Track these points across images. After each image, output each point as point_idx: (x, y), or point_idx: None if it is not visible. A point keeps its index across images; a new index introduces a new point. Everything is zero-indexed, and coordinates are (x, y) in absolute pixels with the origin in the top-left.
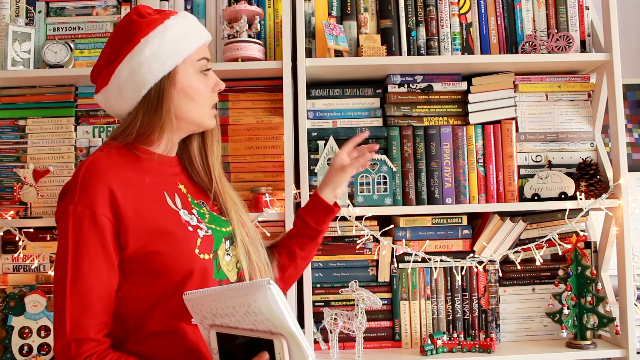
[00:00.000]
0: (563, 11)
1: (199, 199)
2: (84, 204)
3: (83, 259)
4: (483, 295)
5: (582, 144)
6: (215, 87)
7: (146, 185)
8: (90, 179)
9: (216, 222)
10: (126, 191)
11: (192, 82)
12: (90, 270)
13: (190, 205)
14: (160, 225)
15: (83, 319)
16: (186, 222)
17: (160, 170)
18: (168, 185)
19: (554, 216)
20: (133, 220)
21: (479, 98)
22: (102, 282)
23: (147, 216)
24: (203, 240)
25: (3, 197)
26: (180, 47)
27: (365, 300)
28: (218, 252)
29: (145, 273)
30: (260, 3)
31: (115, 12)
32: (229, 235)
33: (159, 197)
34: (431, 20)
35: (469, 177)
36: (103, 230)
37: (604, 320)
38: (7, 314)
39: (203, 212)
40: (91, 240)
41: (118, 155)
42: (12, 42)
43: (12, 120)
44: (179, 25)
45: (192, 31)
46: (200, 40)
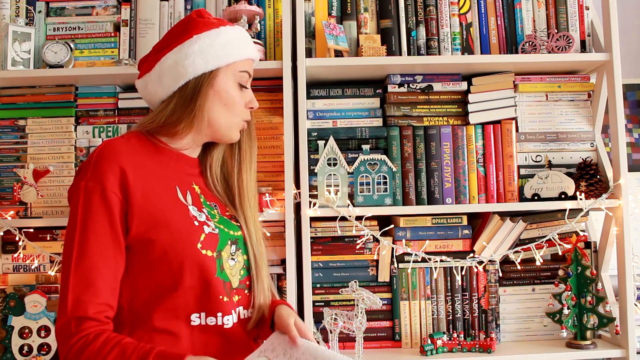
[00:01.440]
0: (563, 11)
1: (211, 201)
2: (95, 180)
3: (90, 235)
4: (483, 295)
5: (582, 144)
6: (250, 104)
7: (159, 174)
8: (104, 158)
9: (225, 223)
10: (137, 174)
11: (229, 88)
12: (96, 246)
13: (201, 204)
14: (166, 215)
15: (84, 296)
16: (193, 217)
17: (177, 165)
18: (182, 182)
19: (554, 216)
20: (140, 203)
21: (479, 98)
22: (108, 260)
23: (155, 203)
24: (207, 237)
25: (3, 197)
26: (228, 53)
27: (365, 300)
28: (222, 253)
29: (145, 263)
30: (260, 3)
31: (115, 12)
32: (235, 239)
33: (169, 189)
34: (431, 20)
35: (469, 177)
36: (111, 207)
37: (604, 320)
38: (7, 314)
39: (214, 213)
40: (99, 216)
41: (137, 142)
42: (12, 42)
43: (12, 120)
44: (233, 34)
45: (243, 44)
46: (248, 55)
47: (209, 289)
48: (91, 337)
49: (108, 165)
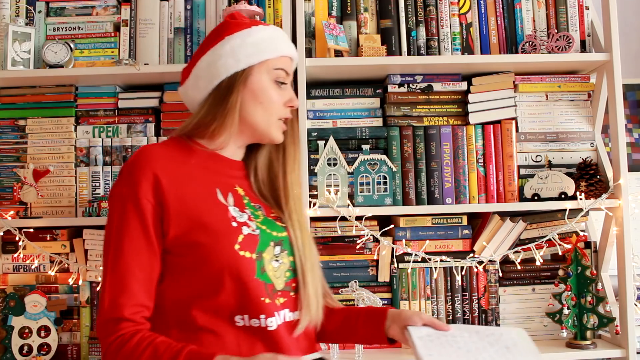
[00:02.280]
0: (563, 11)
1: (256, 203)
2: (128, 187)
3: (124, 240)
4: (483, 295)
5: (582, 144)
6: (289, 102)
7: (197, 177)
8: (138, 165)
9: (269, 224)
10: (172, 179)
11: (263, 86)
12: (130, 251)
13: (244, 205)
14: (203, 217)
15: (120, 298)
16: (232, 217)
17: (218, 168)
18: (223, 184)
19: (554, 216)
20: (176, 207)
21: (479, 98)
22: (142, 263)
23: (190, 205)
24: (246, 238)
25: (3, 197)
26: (259, 50)
27: (365, 300)
28: (263, 255)
29: (187, 265)
30: (260, 3)
31: (115, 12)
32: (279, 240)
33: (208, 191)
34: (431, 20)
35: (469, 177)
36: (145, 213)
37: (604, 320)
38: (7, 314)
39: (257, 214)
40: (133, 222)
41: (173, 146)
42: (12, 42)
43: (12, 120)
44: (265, 33)
45: (276, 41)
46: (282, 52)
47: (248, 291)
48: (127, 336)
49: (141, 171)
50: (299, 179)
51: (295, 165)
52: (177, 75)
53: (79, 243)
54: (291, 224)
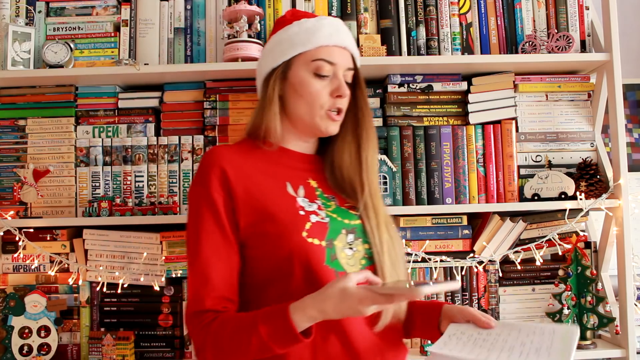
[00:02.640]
0: (563, 11)
1: (329, 194)
2: (201, 184)
3: (201, 235)
4: (483, 295)
5: (582, 144)
6: (335, 92)
7: (264, 172)
8: (206, 162)
9: (340, 213)
10: (238, 173)
11: (302, 79)
12: (207, 245)
13: (315, 196)
14: (269, 208)
15: (201, 291)
16: (300, 207)
17: (287, 162)
18: (294, 177)
19: (554, 216)
20: (244, 199)
21: (479, 98)
22: (220, 256)
23: (257, 197)
24: (314, 226)
25: (3, 197)
26: (293, 45)
27: None
28: (334, 242)
29: (258, 257)
30: (260, 3)
31: (115, 12)
32: (352, 228)
33: (277, 184)
34: (431, 20)
35: (469, 177)
36: (217, 207)
37: (604, 320)
38: (7, 314)
39: (329, 204)
40: (207, 217)
41: (241, 145)
42: (12, 42)
43: (12, 120)
44: (304, 25)
45: (314, 33)
46: (319, 43)
47: (318, 278)
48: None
49: (210, 168)
50: (373, 167)
51: (368, 153)
52: (177, 75)
53: (79, 243)
54: (365, 212)
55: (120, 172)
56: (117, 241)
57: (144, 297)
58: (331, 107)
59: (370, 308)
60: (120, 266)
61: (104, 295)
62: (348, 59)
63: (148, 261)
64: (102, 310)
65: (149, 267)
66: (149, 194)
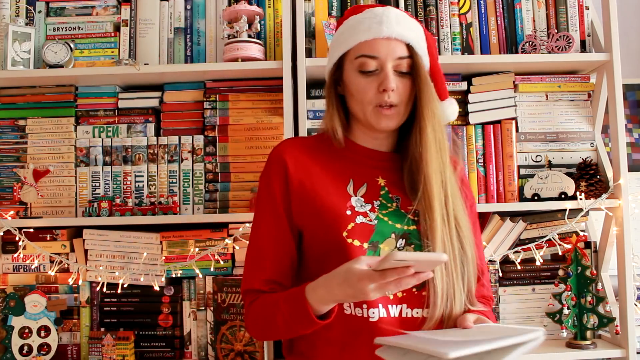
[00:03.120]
0: (563, 11)
1: (395, 194)
2: (265, 175)
3: (260, 222)
4: None
5: (582, 144)
6: (381, 87)
7: (327, 166)
8: (272, 154)
9: (394, 216)
10: (299, 166)
11: (350, 78)
12: (262, 230)
13: (377, 195)
14: (319, 203)
15: (252, 272)
16: (351, 206)
17: (355, 158)
18: (360, 174)
19: (554, 216)
20: (298, 191)
21: (479, 98)
22: (272, 241)
23: (312, 190)
24: (357, 227)
25: (3, 197)
26: (339, 44)
27: None
28: (380, 245)
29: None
30: (260, 3)
31: (115, 12)
32: (404, 233)
33: (337, 180)
34: (431, 20)
35: (469, 177)
36: (274, 196)
37: (604, 320)
38: (7, 314)
39: (389, 205)
40: (265, 205)
41: (315, 139)
42: (12, 42)
43: (12, 120)
44: (348, 23)
45: (354, 29)
46: (359, 39)
47: None
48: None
49: (274, 159)
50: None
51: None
52: (177, 75)
53: (79, 243)
54: (422, 216)
55: (120, 172)
56: (117, 241)
57: (144, 297)
58: (379, 102)
59: (369, 287)
60: (120, 266)
61: (104, 295)
62: (397, 49)
63: (148, 261)
64: (102, 310)
65: (149, 267)
66: (149, 194)
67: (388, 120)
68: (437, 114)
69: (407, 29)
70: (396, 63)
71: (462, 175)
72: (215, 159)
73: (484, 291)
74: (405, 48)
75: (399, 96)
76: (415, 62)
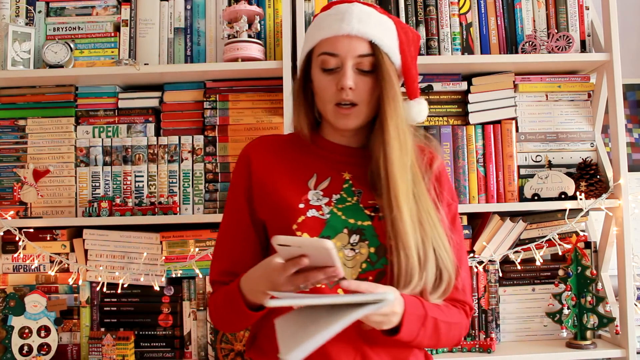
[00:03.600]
0: (563, 11)
1: (359, 188)
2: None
3: (225, 215)
4: (483, 295)
5: (582, 144)
6: (339, 84)
7: (293, 161)
8: (239, 154)
9: (350, 211)
10: (262, 162)
11: (314, 75)
12: (226, 224)
13: (339, 189)
14: (276, 197)
15: (213, 265)
16: (305, 200)
17: (324, 154)
18: (326, 168)
19: (554, 216)
20: (259, 185)
21: (479, 98)
22: (231, 235)
23: (271, 185)
24: (308, 220)
25: (3, 197)
26: (306, 42)
27: None
28: (332, 240)
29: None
30: (260, 3)
31: (115, 12)
32: (358, 229)
33: (299, 174)
34: (431, 20)
35: (469, 177)
36: (237, 191)
37: (604, 320)
38: (7, 314)
39: (349, 199)
40: (229, 201)
41: (282, 137)
42: (12, 42)
43: (12, 120)
44: (315, 21)
45: (317, 27)
46: (323, 35)
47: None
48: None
49: (240, 157)
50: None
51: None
52: (177, 75)
53: (79, 243)
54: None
55: (120, 172)
56: (117, 241)
57: (144, 297)
58: (338, 100)
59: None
60: (120, 266)
61: (104, 295)
62: (358, 46)
63: (148, 261)
64: (102, 310)
65: (149, 267)
66: (149, 194)
67: (346, 120)
68: (400, 113)
69: (371, 26)
70: (357, 61)
71: (439, 171)
72: (215, 159)
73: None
74: (367, 46)
75: (359, 95)
76: (378, 60)
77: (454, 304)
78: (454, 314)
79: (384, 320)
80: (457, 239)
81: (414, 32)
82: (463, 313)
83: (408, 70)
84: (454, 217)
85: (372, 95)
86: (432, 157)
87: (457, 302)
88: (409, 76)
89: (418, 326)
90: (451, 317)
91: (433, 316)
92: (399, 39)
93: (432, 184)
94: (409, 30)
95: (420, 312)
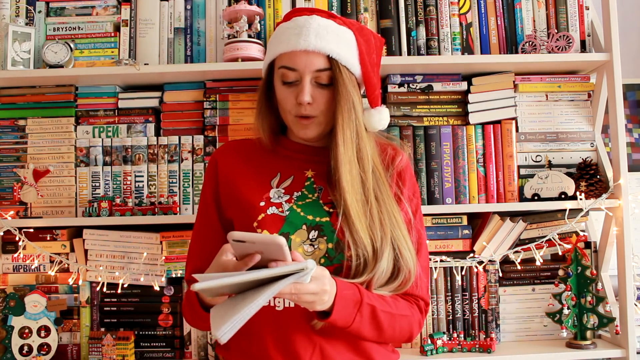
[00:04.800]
0: (563, 11)
1: (319, 184)
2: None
3: (196, 218)
4: (483, 295)
5: (582, 144)
6: (297, 99)
7: (258, 162)
8: (209, 159)
9: (309, 208)
10: (228, 164)
11: (275, 86)
12: (197, 226)
13: (300, 187)
14: (239, 196)
15: (188, 263)
16: (267, 197)
17: (289, 154)
18: (289, 167)
19: (554, 216)
20: (225, 187)
21: (479, 98)
22: (201, 235)
23: (236, 185)
24: (268, 218)
25: (3, 197)
26: (268, 52)
27: None
28: (291, 236)
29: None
30: (260, 3)
31: (115, 12)
32: (317, 225)
33: (263, 174)
34: (431, 20)
35: (469, 177)
36: (205, 193)
37: (604, 320)
38: (7, 314)
39: (309, 196)
40: (200, 203)
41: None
42: (12, 42)
43: (12, 120)
44: (277, 32)
45: (278, 40)
46: (281, 49)
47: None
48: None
49: (210, 161)
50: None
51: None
52: (177, 75)
53: (79, 243)
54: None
55: (120, 172)
56: (117, 241)
57: (144, 297)
58: (296, 113)
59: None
60: (120, 266)
61: (104, 295)
62: (315, 61)
63: (148, 261)
64: (102, 310)
65: (149, 267)
66: (149, 194)
67: (306, 130)
68: (356, 123)
69: (328, 40)
70: (315, 75)
71: (401, 167)
72: None
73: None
74: (324, 60)
75: (317, 107)
76: (335, 74)
77: (406, 298)
78: (402, 306)
79: (315, 300)
80: (417, 234)
81: (377, 37)
82: (415, 307)
83: (369, 80)
84: (414, 213)
85: (330, 106)
86: (394, 154)
87: (409, 296)
88: (369, 85)
89: (353, 311)
90: (397, 309)
91: (370, 303)
92: (358, 49)
93: (394, 181)
94: (372, 36)
95: (356, 297)
